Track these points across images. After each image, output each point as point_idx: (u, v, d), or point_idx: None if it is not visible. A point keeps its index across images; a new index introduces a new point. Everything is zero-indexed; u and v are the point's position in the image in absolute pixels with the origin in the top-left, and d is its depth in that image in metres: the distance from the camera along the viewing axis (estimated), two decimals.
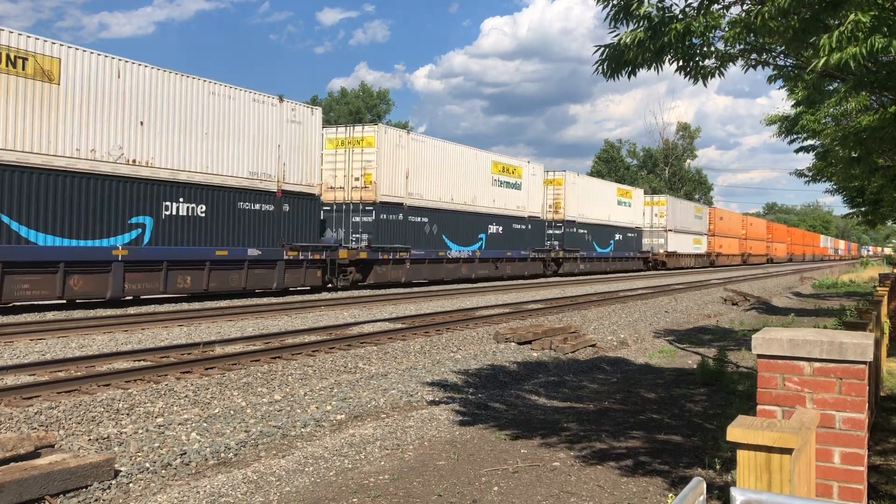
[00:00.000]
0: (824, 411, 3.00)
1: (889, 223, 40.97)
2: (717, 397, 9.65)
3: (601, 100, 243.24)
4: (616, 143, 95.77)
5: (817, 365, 3.01)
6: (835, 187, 26.82)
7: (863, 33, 5.10)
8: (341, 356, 11.59)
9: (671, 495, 5.60)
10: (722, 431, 5.58)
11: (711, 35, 6.33)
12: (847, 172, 17.76)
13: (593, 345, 14.65)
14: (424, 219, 29.46)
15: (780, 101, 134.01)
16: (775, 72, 8.36)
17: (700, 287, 32.57)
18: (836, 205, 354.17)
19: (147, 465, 6.55)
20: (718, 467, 6.24)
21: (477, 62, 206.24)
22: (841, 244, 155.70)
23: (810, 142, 20.43)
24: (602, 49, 6.49)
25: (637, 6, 6.16)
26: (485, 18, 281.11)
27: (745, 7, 6.39)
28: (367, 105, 78.07)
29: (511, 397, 9.89)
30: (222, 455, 7.05)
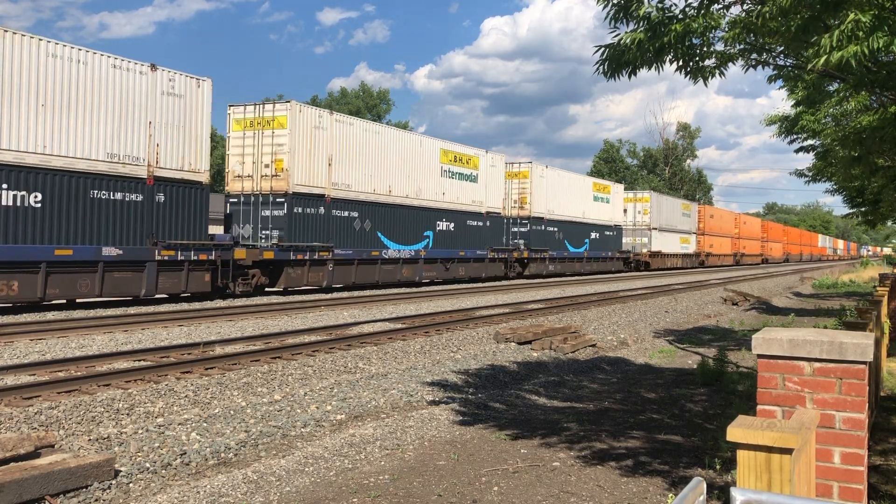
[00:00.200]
0: (824, 411, 3.00)
1: (889, 223, 40.95)
2: (717, 397, 9.65)
3: (601, 100, 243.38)
4: (616, 144, 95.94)
5: (817, 365, 3.01)
6: (835, 187, 26.81)
7: (863, 32, 5.10)
8: (341, 356, 11.60)
9: (671, 495, 5.60)
10: (722, 431, 5.59)
11: (711, 35, 6.34)
12: (847, 172, 17.76)
13: (593, 345, 14.65)
14: (353, 213, 25.71)
15: (780, 101, 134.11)
16: (775, 72, 8.36)
17: (700, 287, 32.58)
18: (836, 205, 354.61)
19: (147, 465, 6.55)
20: (718, 467, 6.24)
21: (477, 62, 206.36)
22: (840, 244, 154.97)
23: (810, 142, 20.43)
24: (602, 49, 6.50)
25: (636, 7, 6.17)
26: (485, 18, 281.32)
27: (745, 7, 6.40)
28: (367, 105, 78.16)
29: (511, 397, 9.89)
30: (222, 455, 7.06)
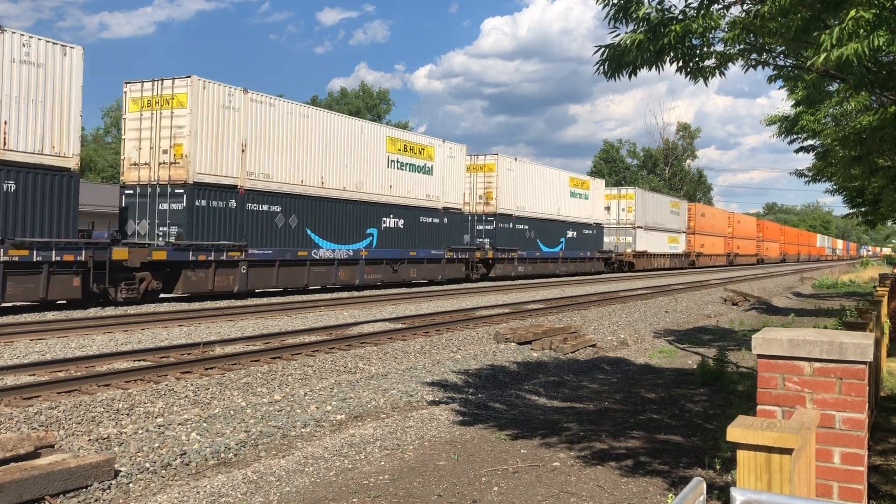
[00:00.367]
0: (824, 411, 3.00)
1: (889, 223, 40.96)
2: (717, 397, 9.65)
3: (601, 100, 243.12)
4: (616, 144, 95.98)
5: (817, 365, 3.01)
6: (835, 187, 26.80)
7: (864, 30, 5.10)
8: (341, 356, 11.60)
9: (671, 495, 5.60)
10: (722, 431, 5.58)
11: (711, 36, 6.34)
12: (847, 172, 17.76)
13: (593, 345, 14.65)
14: (275, 207, 22.44)
15: (780, 101, 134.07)
16: (775, 72, 8.36)
17: (700, 287, 32.59)
18: (836, 205, 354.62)
19: (147, 465, 6.55)
20: (718, 467, 6.24)
21: (477, 62, 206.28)
22: (839, 244, 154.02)
23: (810, 142, 20.41)
24: (602, 49, 6.50)
25: (636, 8, 6.17)
26: (485, 18, 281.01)
27: (745, 7, 6.39)
28: (367, 105, 78.23)
29: (511, 397, 9.89)
30: (222, 455, 7.06)
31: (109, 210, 27.51)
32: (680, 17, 6.17)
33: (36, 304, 17.34)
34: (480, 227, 34.71)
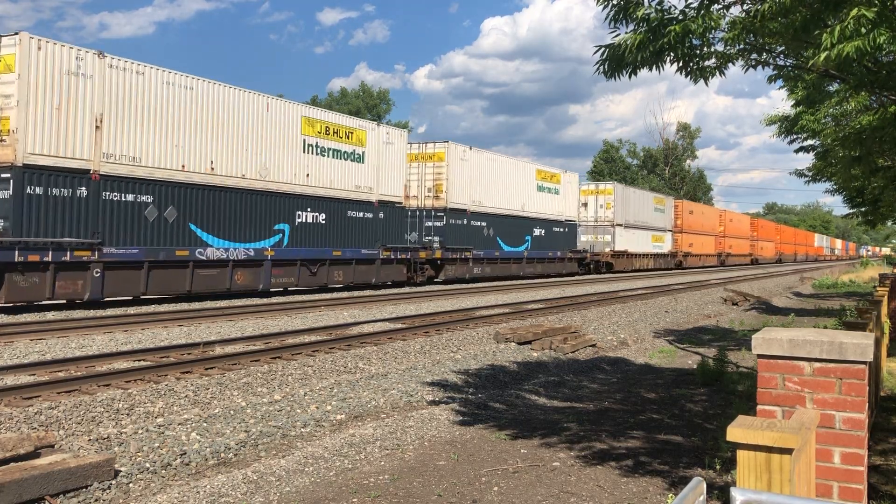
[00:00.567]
0: (824, 411, 3.00)
1: (889, 223, 40.96)
2: (717, 397, 9.65)
3: (601, 100, 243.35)
4: (616, 144, 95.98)
5: (817, 365, 3.01)
6: (835, 187, 26.82)
7: (865, 28, 5.10)
8: (341, 356, 11.60)
9: (671, 495, 5.60)
10: (722, 431, 5.58)
11: (711, 36, 6.34)
12: (847, 172, 17.76)
13: (593, 345, 14.65)
14: (145, 197, 18.77)
15: (780, 101, 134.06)
16: (775, 72, 8.36)
17: (700, 287, 32.60)
18: (836, 205, 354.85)
19: (147, 465, 6.55)
20: (718, 467, 6.25)
21: (477, 62, 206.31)
22: (838, 244, 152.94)
23: (810, 142, 20.43)
24: (602, 49, 6.50)
25: (635, 8, 6.17)
26: (485, 18, 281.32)
27: (745, 7, 6.39)
28: (367, 105, 78.26)
29: (511, 397, 9.89)
30: (222, 455, 7.06)
31: None
32: (680, 18, 6.17)
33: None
34: (430, 224, 30.76)
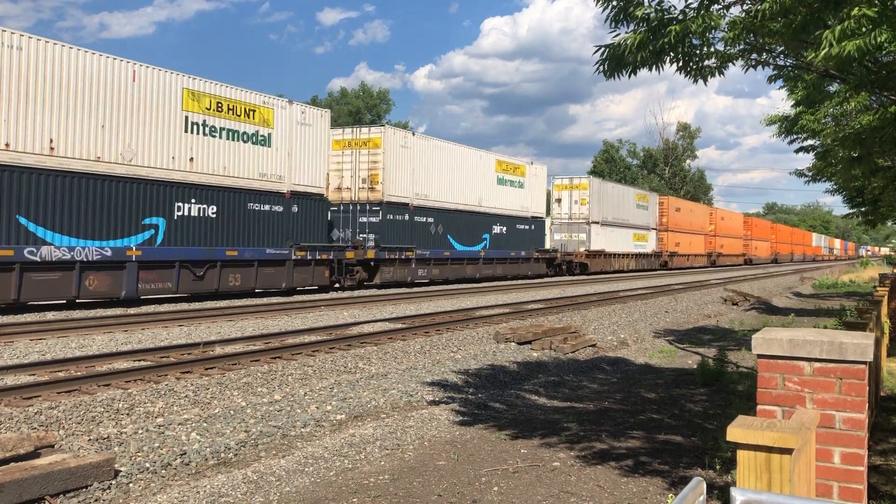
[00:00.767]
0: (824, 411, 3.00)
1: (889, 223, 40.95)
2: (717, 397, 9.65)
3: (601, 100, 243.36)
4: (616, 144, 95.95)
5: (817, 365, 3.01)
6: (835, 187, 26.82)
7: (866, 27, 5.10)
8: (341, 356, 11.60)
9: (671, 495, 5.60)
10: (722, 431, 5.59)
11: (711, 36, 6.34)
12: (847, 172, 17.74)
13: (593, 345, 14.65)
14: None
15: (780, 101, 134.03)
16: (775, 72, 8.36)
17: (700, 287, 32.60)
18: (836, 205, 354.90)
19: (147, 465, 6.55)
20: (718, 467, 6.24)
21: (477, 62, 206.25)
22: (837, 243, 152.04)
23: (810, 142, 20.42)
24: (602, 49, 6.50)
25: (635, 8, 6.17)
26: (485, 18, 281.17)
27: (745, 7, 6.39)
28: (367, 105, 78.23)
29: (511, 397, 9.89)
30: (222, 455, 7.06)
31: None
32: (679, 18, 6.17)
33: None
34: (364, 220, 27.09)
